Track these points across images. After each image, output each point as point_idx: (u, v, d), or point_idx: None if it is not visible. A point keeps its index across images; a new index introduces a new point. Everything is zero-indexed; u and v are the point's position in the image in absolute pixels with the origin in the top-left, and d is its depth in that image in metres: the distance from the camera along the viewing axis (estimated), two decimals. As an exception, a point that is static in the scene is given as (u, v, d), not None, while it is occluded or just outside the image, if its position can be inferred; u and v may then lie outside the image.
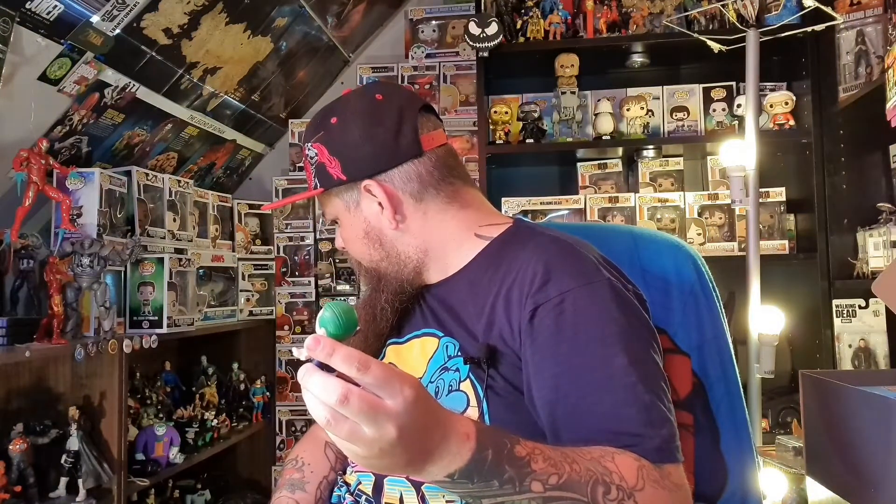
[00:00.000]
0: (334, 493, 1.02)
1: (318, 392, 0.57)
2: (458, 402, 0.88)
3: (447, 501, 0.86)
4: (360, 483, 0.95)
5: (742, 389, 1.13)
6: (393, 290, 0.97)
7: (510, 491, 0.66)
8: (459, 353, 0.90)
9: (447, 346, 0.92)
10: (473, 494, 0.67)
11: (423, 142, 0.95)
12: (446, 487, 0.67)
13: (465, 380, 0.88)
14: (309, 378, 0.57)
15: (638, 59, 2.55)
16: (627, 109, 2.44)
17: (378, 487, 0.92)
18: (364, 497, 0.93)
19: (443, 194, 0.96)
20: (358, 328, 0.63)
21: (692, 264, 1.13)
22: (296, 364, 2.67)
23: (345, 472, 1.02)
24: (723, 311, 1.13)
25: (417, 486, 0.88)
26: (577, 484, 0.69)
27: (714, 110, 2.49)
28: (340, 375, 0.57)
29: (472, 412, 0.87)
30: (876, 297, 1.48)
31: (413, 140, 0.94)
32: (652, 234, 1.22)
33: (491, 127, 2.51)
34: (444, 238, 0.97)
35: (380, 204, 0.94)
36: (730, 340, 1.13)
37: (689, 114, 2.51)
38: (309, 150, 0.97)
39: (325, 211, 1.03)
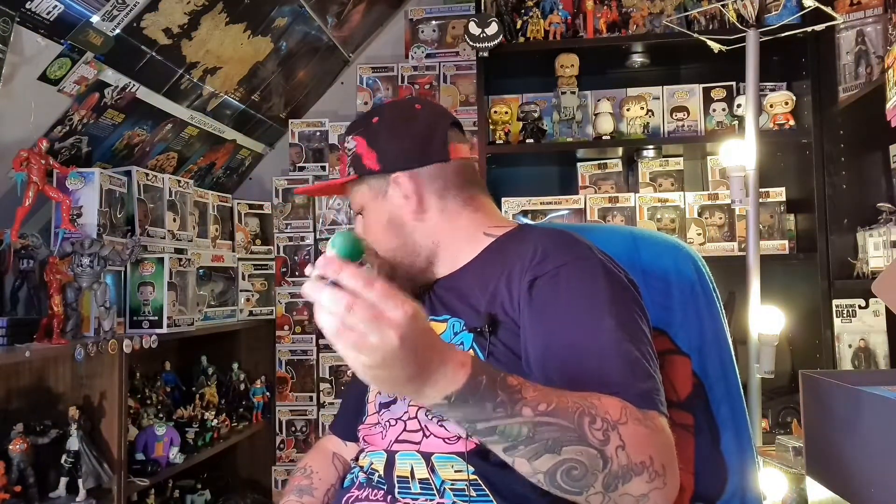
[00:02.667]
0: (347, 477, 1.06)
1: (327, 303, 0.63)
2: None
3: (455, 471, 0.90)
4: (372, 463, 0.99)
5: (742, 389, 1.13)
6: (405, 277, 1.03)
7: (502, 414, 0.71)
8: (465, 328, 0.96)
9: (454, 325, 0.98)
10: (468, 418, 0.72)
11: (450, 150, 1.05)
12: (443, 412, 0.73)
13: (469, 350, 0.93)
14: (320, 291, 0.63)
15: (638, 59, 2.55)
16: (627, 109, 2.44)
17: (390, 463, 0.96)
18: (377, 474, 0.97)
19: (461, 198, 1.05)
20: (364, 256, 0.70)
21: (692, 265, 1.13)
22: (296, 364, 2.68)
23: (357, 459, 1.06)
24: (723, 311, 1.13)
25: (427, 457, 0.92)
26: (564, 412, 0.73)
27: (714, 110, 2.49)
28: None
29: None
30: (876, 297, 1.49)
31: (442, 146, 1.05)
32: (652, 235, 1.22)
33: (491, 127, 2.51)
34: (457, 233, 1.05)
35: (405, 196, 1.03)
36: (730, 341, 1.13)
37: (689, 114, 2.51)
38: (348, 142, 1.07)
39: (353, 200, 1.10)
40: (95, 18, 1.66)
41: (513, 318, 0.92)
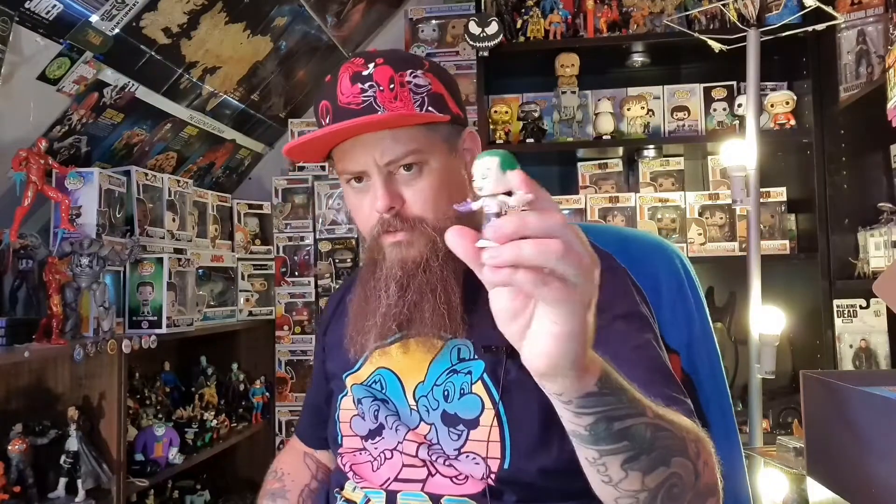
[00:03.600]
0: None
1: (539, 225, 0.49)
2: (472, 405, 0.86)
3: None
4: (368, 500, 0.91)
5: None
6: (448, 260, 0.83)
7: (634, 411, 0.62)
8: (475, 356, 0.86)
9: (459, 350, 0.88)
10: (610, 414, 0.60)
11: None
12: (589, 403, 0.59)
13: (476, 381, 0.86)
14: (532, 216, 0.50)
15: (638, 58, 2.55)
16: (628, 109, 2.44)
17: (391, 503, 0.88)
18: None
19: None
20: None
21: (679, 263, 1.15)
22: (296, 365, 2.67)
23: (342, 488, 0.97)
24: (707, 309, 1.15)
25: (436, 499, 0.86)
26: (677, 423, 0.67)
27: (715, 110, 2.48)
28: None
29: (488, 415, 0.85)
30: (877, 297, 1.48)
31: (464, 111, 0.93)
32: (640, 235, 1.24)
33: (491, 127, 2.50)
34: None
35: (472, 157, 0.87)
36: (715, 339, 1.14)
37: (689, 113, 2.51)
38: (416, 77, 0.85)
39: (407, 150, 0.84)
40: (94, 18, 1.66)
41: None
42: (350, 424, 0.96)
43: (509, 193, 0.51)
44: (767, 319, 1.84)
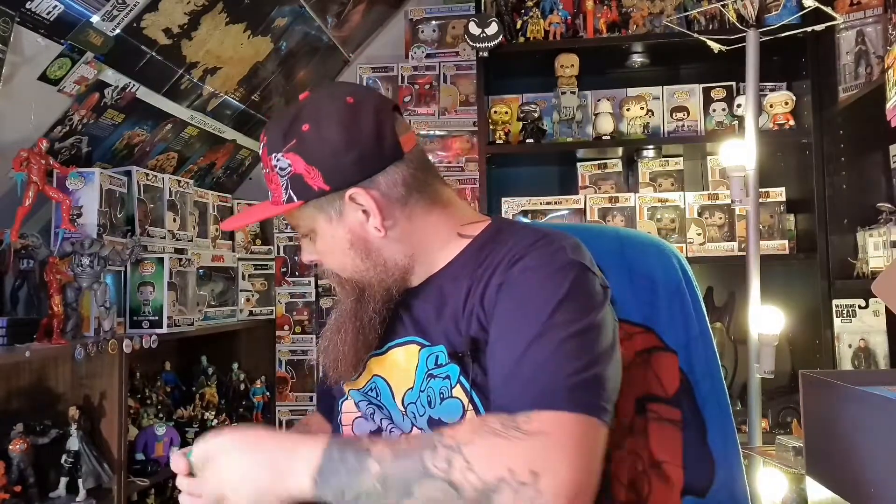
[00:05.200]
0: None
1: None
2: (453, 409, 0.87)
3: None
4: None
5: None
6: (380, 298, 0.92)
7: (356, 477, 0.72)
8: (450, 360, 0.88)
9: (436, 356, 0.91)
10: (334, 495, 0.73)
11: (402, 143, 0.91)
12: (320, 495, 0.74)
13: (455, 385, 0.88)
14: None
15: (638, 59, 2.55)
16: (627, 109, 2.44)
17: None
18: None
19: (426, 196, 0.92)
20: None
21: (677, 264, 1.15)
22: (296, 364, 2.68)
23: None
24: (705, 309, 1.15)
25: None
26: (409, 452, 0.72)
27: (714, 110, 2.49)
28: None
29: (471, 416, 0.86)
30: (876, 297, 1.48)
31: (394, 143, 0.90)
32: (637, 235, 1.25)
33: (491, 127, 2.51)
34: (430, 239, 0.93)
35: (365, 212, 0.89)
36: (713, 339, 1.15)
37: (688, 114, 2.51)
38: (278, 161, 0.89)
39: (297, 224, 0.95)
40: (95, 18, 1.66)
41: (486, 333, 0.85)
42: (352, 427, 1.00)
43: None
44: (766, 319, 1.85)
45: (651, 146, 2.50)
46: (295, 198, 0.90)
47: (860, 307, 2.08)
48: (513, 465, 0.68)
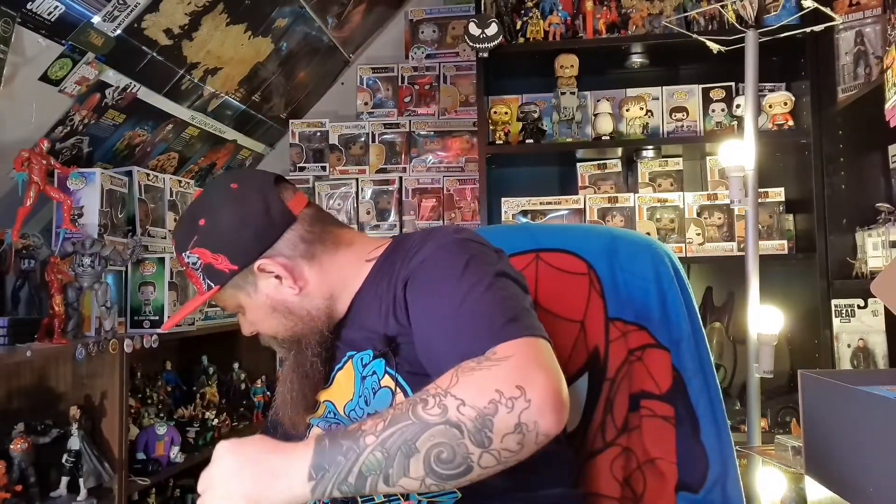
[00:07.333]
0: None
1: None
2: (384, 398, 0.93)
3: None
4: None
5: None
6: (315, 342, 1.00)
7: (354, 456, 0.73)
8: (373, 358, 0.95)
9: (361, 359, 0.97)
10: (339, 482, 0.73)
11: (291, 208, 0.99)
12: (321, 492, 0.74)
13: (383, 376, 0.94)
14: None
15: (637, 59, 2.56)
16: (627, 110, 2.45)
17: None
18: None
19: (328, 243, 1.00)
20: None
21: (669, 263, 1.17)
22: (296, 364, 2.68)
23: None
24: (697, 307, 1.17)
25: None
26: (399, 415, 0.74)
27: (713, 111, 2.49)
28: None
29: (399, 398, 0.92)
30: (875, 297, 1.49)
31: (283, 209, 0.98)
32: (630, 235, 1.27)
33: (491, 127, 2.51)
34: (343, 275, 1.00)
35: (277, 277, 0.97)
36: (706, 337, 1.17)
37: (688, 114, 2.52)
38: (189, 257, 0.99)
39: (225, 305, 1.05)
40: (96, 19, 1.66)
41: (406, 326, 0.91)
42: None
43: None
44: (766, 319, 1.85)
45: (650, 146, 2.50)
46: (212, 284, 0.99)
47: (859, 307, 2.08)
48: (499, 386, 0.73)
